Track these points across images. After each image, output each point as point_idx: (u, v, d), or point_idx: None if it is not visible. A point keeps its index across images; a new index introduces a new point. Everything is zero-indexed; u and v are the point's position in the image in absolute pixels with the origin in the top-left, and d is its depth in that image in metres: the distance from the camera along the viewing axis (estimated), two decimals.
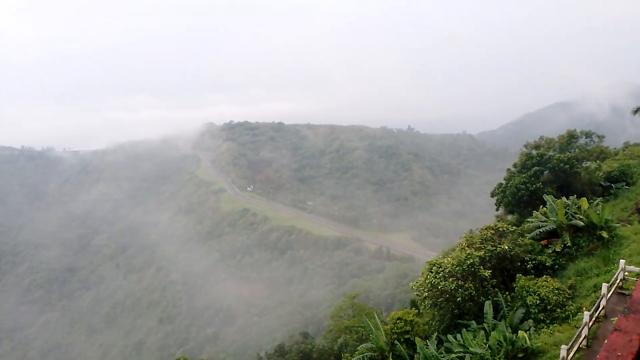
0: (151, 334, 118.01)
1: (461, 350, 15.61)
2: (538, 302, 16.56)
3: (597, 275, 16.64)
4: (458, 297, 18.24)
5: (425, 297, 19.35)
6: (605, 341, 5.91)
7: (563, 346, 10.77)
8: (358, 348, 22.12)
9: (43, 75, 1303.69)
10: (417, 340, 17.81)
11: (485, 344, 15.06)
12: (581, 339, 11.97)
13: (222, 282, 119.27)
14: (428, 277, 19.23)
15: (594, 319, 12.39)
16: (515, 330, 15.52)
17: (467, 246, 20.50)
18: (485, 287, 19.07)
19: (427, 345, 17.15)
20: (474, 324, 17.47)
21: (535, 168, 29.49)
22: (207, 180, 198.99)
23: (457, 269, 18.91)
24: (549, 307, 16.47)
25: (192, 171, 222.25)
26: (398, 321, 20.71)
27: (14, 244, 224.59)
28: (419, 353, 17.00)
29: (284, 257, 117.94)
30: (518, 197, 29.29)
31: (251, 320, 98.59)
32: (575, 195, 23.38)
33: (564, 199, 22.69)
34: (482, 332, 16.20)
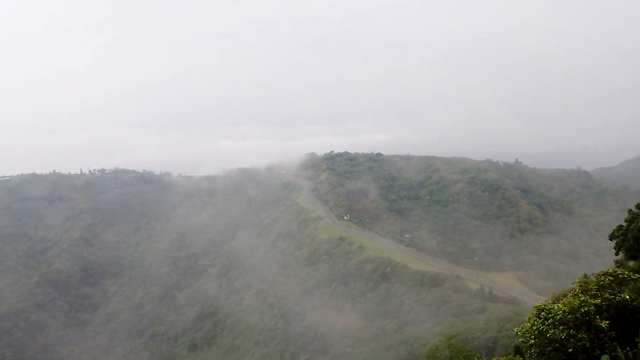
0: (247, 355, 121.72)
1: None
2: None
3: None
4: (569, 348, 16.80)
5: (531, 345, 18.04)
6: None
7: None
8: None
9: (164, 105, 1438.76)
10: None
11: None
12: None
13: (317, 309, 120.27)
14: (535, 323, 17.96)
15: None
16: None
17: (581, 292, 18.92)
18: (601, 340, 17.37)
19: None
20: None
21: None
22: (306, 207, 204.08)
23: (569, 316, 17.48)
24: None
25: (293, 199, 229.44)
26: None
27: (132, 259, 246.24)
28: None
29: (379, 289, 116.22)
30: None
31: (344, 351, 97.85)
32: None
33: None
34: None
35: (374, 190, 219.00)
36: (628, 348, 17.00)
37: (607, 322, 17.44)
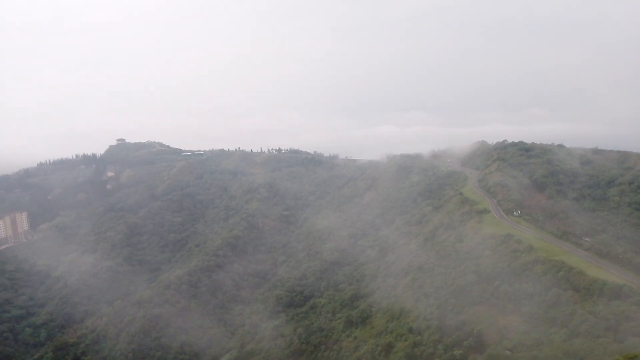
0: (400, 340, 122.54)
1: None
2: None
3: None
4: None
5: None
6: None
7: None
8: None
9: (335, 91, 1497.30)
10: None
11: None
12: None
13: (476, 305, 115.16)
14: None
15: None
16: None
17: None
18: None
19: None
20: None
21: None
22: (471, 199, 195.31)
23: None
24: None
25: (458, 188, 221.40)
26: None
27: (299, 232, 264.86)
28: None
29: (548, 294, 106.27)
30: None
31: (503, 353, 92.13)
32: None
33: None
34: None
35: (551, 186, 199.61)
36: None
37: None
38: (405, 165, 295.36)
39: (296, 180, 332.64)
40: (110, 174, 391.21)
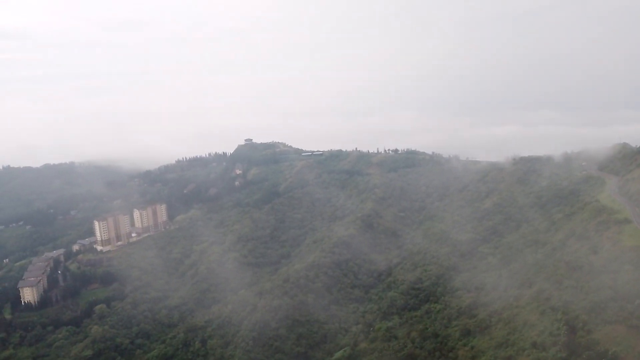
0: (522, 355, 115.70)
1: None
2: None
3: None
4: None
5: None
6: None
7: None
8: None
9: (454, 90, 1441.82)
10: None
11: None
12: None
13: (611, 325, 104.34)
14: None
15: None
16: None
17: None
18: None
19: None
20: None
21: None
22: (609, 207, 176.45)
23: None
24: None
25: (594, 195, 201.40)
26: None
27: (413, 235, 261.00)
28: None
29: None
30: None
31: None
32: None
33: None
34: None
35: None
36: None
37: None
38: (531, 169, 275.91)
39: (412, 181, 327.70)
40: (238, 171, 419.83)
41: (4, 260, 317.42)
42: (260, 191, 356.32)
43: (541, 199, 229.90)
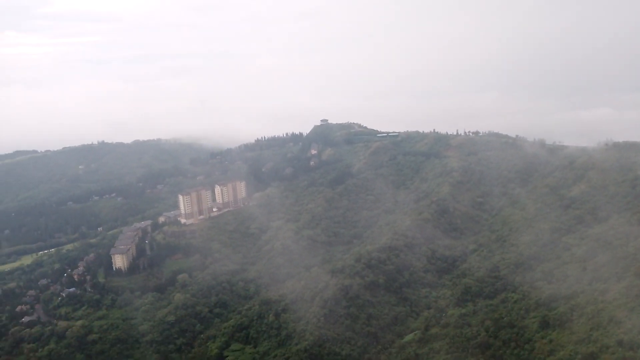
0: (606, 352, 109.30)
1: None
2: None
3: None
4: None
5: None
6: None
7: None
8: None
9: (540, 71, 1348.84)
10: None
11: None
12: None
13: None
14: None
15: None
16: None
17: None
18: None
19: None
20: None
21: None
22: None
23: None
24: None
25: None
26: None
27: (492, 221, 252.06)
28: None
29: None
30: None
31: None
32: None
33: None
34: None
35: None
36: None
37: None
38: (627, 156, 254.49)
39: (493, 165, 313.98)
40: (313, 151, 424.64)
41: (99, 229, 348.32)
42: (334, 171, 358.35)
43: (635, 188, 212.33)
